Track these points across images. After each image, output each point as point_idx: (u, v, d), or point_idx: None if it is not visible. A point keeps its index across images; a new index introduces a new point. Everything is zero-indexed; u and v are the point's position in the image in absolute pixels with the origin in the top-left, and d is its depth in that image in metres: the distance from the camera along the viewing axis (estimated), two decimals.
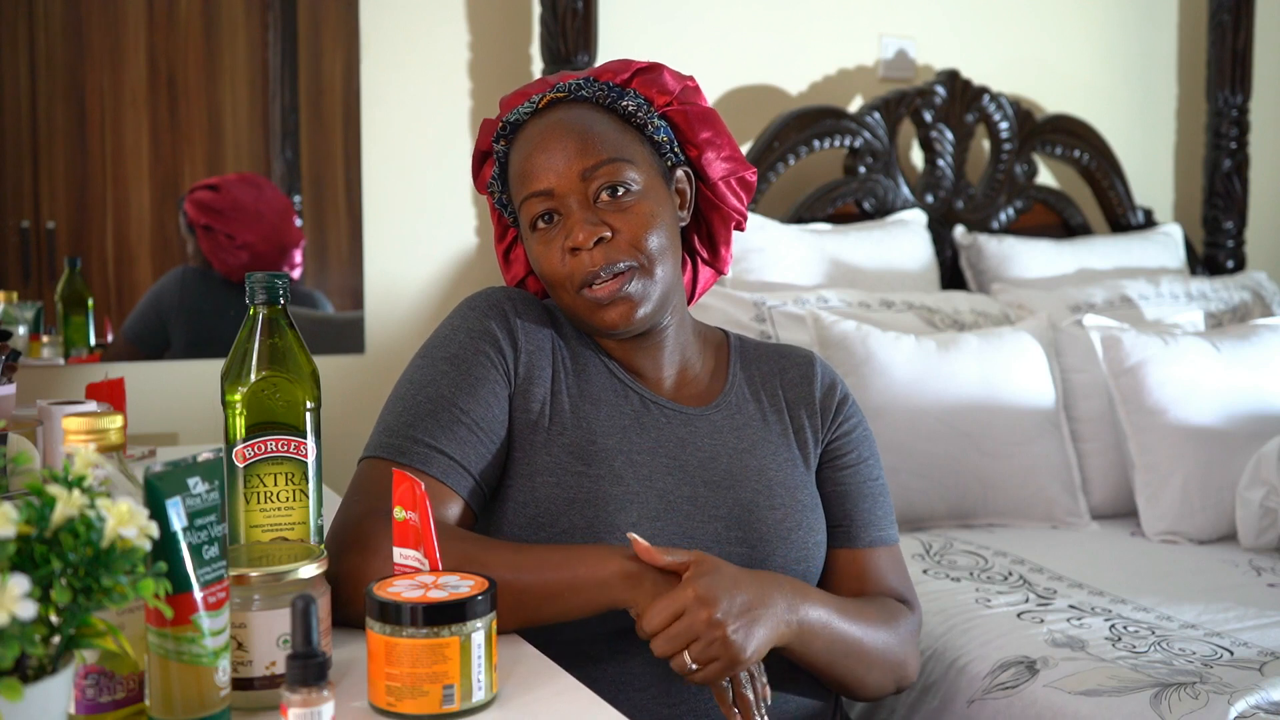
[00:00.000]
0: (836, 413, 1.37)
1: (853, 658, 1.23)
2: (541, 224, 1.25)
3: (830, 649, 1.21)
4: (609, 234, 1.22)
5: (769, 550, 1.25)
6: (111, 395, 1.68)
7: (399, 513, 1.01)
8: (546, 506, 1.20)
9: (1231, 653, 1.59)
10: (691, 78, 1.32)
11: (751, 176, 1.35)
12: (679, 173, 1.32)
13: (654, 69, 1.30)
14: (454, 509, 1.19)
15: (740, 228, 1.38)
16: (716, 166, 1.32)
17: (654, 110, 1.29)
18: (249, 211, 2.32)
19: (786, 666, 1.24)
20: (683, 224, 1.32)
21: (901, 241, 2.63)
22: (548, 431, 1.24)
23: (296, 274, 2.38)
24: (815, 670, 1.23)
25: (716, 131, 1.32)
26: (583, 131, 1.24)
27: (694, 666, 1.09)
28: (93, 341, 2.25)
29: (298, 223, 2.37)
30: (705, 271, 1.43)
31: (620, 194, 1.24)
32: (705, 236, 1.40)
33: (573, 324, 1.32)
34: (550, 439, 1.23)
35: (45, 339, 2.22)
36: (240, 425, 1.05)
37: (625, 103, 1.28)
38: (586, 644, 1.20)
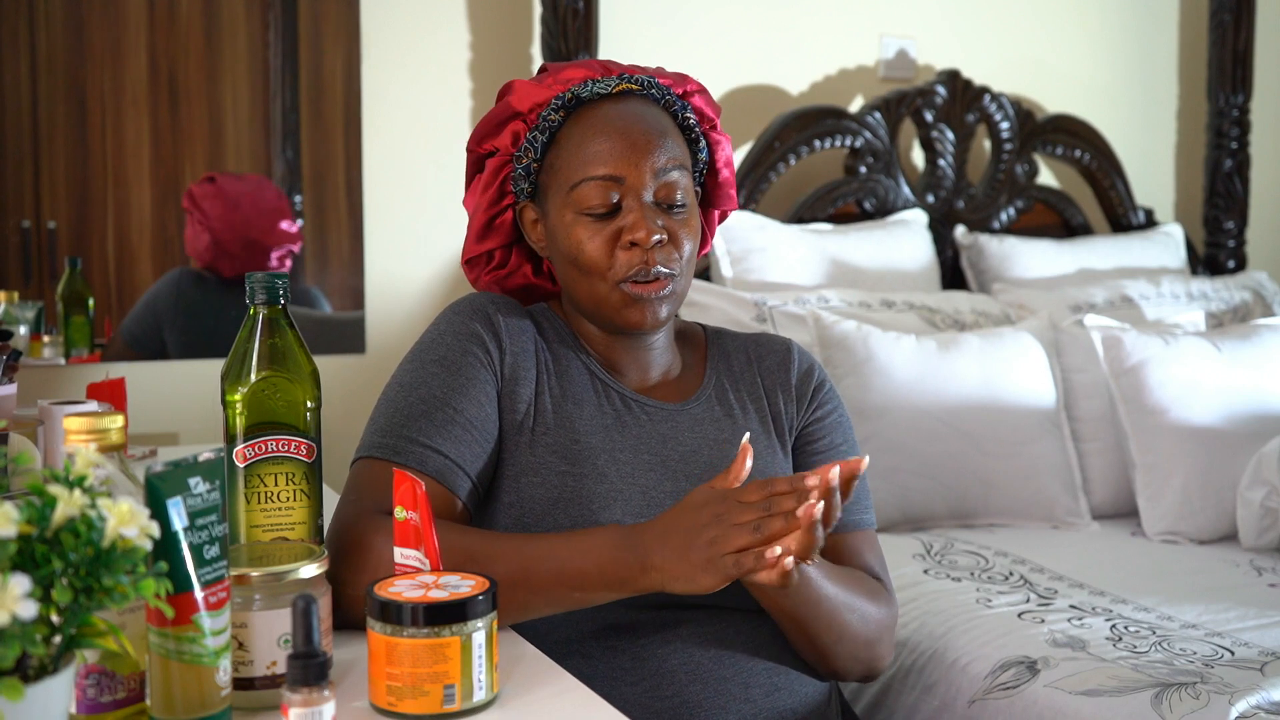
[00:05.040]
0: (812, 398, 1.38)
1: (824, 621, 1.21)
2: (603, 210, 1.25)
3: (808, 604, 1.19)
4: (665, 237, 1.25)
5: None
6: (112, 395, 1.68)
7: (399, 513, 1.01)
8: (532, 506, 1.21)
9: (1232, 653, 1.59)
10: (720, 109, 1.36)
11: (734, 209, 1.41)
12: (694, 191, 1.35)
13: (704, 91, 1.33)
14: (451, 509, 1.19)
15: (704, 252, 1.42)
16: (724, 196, 1.37)
17: (701, 129, 1.33)
18: (226, 199, 2.32)
19: (775, 656, 1.24)
20: None
21: (902, 241, 2.63)
22: (532, 432, 1.25)
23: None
24: (787, 625, 1.21)
25: (732, 165, 1.37)
26: (661, 132, 1.26)
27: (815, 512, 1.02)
28: (93, 341, 2.25)
29: (287, 227, 2.36)
30: None
31: (678, 202, 1.26)
32: None
33: (588, 315, 1.31)
34: (535, 440, 1.24)
35: (46, 339, 2.22)
36: (240, 425, 1.05)
37: (689, 115, 1.31)
38: (577, 641, 1.21)
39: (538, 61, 2.48)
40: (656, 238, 1.23)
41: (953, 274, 2.78)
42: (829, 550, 1.34)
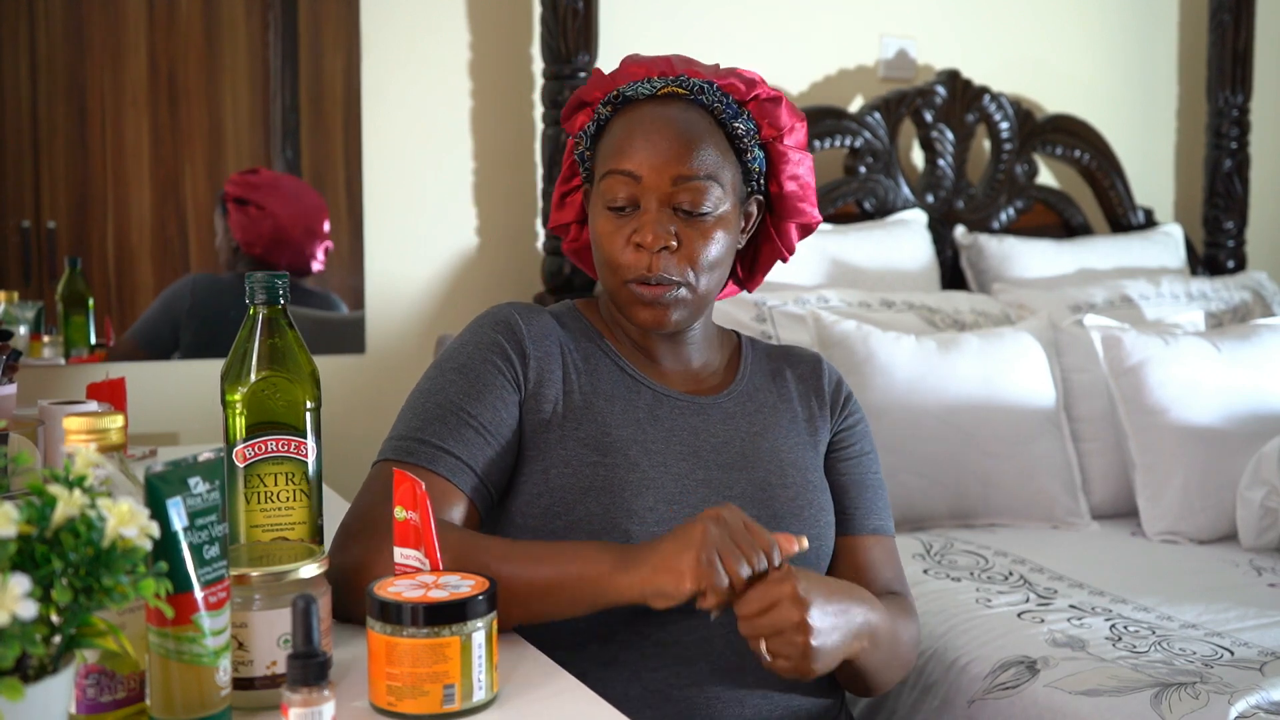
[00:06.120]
0: (844, 406, 1.42)
1: (891, 665, 1.27)
2: (621, 205, 1.27)
3: (883, 657, 1.24)
4: (675, 244, 1.26)
5: (783, 529, 1.27)
6: (112, 395, 1.68)
7: (399, 513, 1.01)
8: (562, 495, 1.22)
9: (1232, 653, 1.59)
10: (803, 117, 1.35)
11: (816, 223, 1.40)
12: (754, 200, 1.35)
13: (776, 99, 1.33)
14: (459, 507, 1.21)
15: (784, 260, 1.42)
16: (792, 209, 1.37)
17: (758, 138, 1.32)
18: (284, 190, 2.35)
19: None
20: (739, 247, 1.36)
21: (902, 241, 2.63)
22: (561, 429, 1.26)
23: (316, 267, 2.40)
24: (854, 670, 1.24)
25: (805, 176, 1.36)
26: (690, 140, 1.27)
27: (767, 659, 1.11)
28: (93, 341, 2.25)
29: (327, 226, 2.39)
30: (732, 286, 1.46)
31: (700, 210, 1.27)
32: (749, 259, 1.44)
33: (614, 308, 1.35)
34: (565, 435, 1.26)
35: (46, 339, 2.22)
36: (240, 425, 1.05)
37: (738, 124, 1.30)
38: (601, 624, 1.21)
39: (538, 62, 2.48)
40: (662, 244, 1.25)
41: (952, 274, 2.78)
42: (849, 556, 1.36)
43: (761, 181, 1.34)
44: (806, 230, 1.41)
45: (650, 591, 1.08)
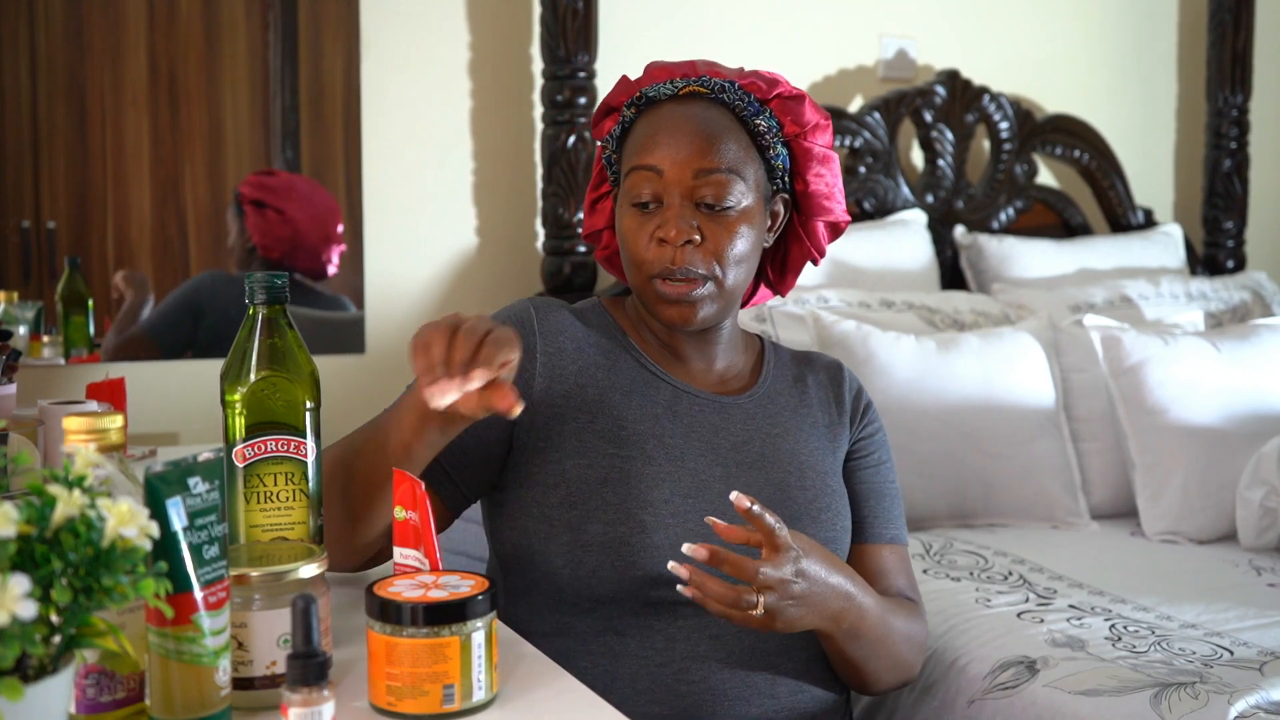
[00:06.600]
0: (864, 415, 1.43)
1: (881, 658, 1.28)
2: (646, 202, 1.28)
3: (868, 648, 1.26)
4: (698, 238, 1.26)
5: (800, 529, 1.28)
6: (112, 395, 1.68)
7: (399, 512, 1.01)
8: (578, 486, 1.24)
9: (1231, 652, 1.59)
10: (828, 116, 1.36)
11: (845, 224, 1.40)
12: (780, 198, 1.36)
13: (798, 98, 1.33)
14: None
15: (815, 263, 1.43)
16: (818, 207, 1.37)
17: (781, 136, 1.33)
18: (301, 193, 2.36)
19: (804, 658, 1.27)
20: (766, 245, 1.36)
21: (902, 241, 2.63)
22: (576, 421, 1.27)
23: (331, 270, 2.40)
24: (843, 660, 1.27)
25: (830, 175, 1.36)
26: (710, 135, 1.28)
27: (757, 602, 1.12)
28: (93, 341, 2.25)
29: (340, 228, 2.40)
30: (764, 290, 1.47)
31: (723, 204, 1.27)
32: (779, 260, 1.44)
33: (641, 307, 1.36)
34: (580, 427, 1.27)
35: (46, 339, 2.22)
36: (240, 425, 1.05)
37: (759, 121, 1.31)
38: (614, 616, 1.23)
39: (538, 62, 2.48)
40: (686, 238, 1.25)
41: (952, 274, 2.78)
42: (863, 563, 1.37)
43: (786, 179, 1.35)
44: (836, 230, 1.41)
45: (420, 385, 1.08)
